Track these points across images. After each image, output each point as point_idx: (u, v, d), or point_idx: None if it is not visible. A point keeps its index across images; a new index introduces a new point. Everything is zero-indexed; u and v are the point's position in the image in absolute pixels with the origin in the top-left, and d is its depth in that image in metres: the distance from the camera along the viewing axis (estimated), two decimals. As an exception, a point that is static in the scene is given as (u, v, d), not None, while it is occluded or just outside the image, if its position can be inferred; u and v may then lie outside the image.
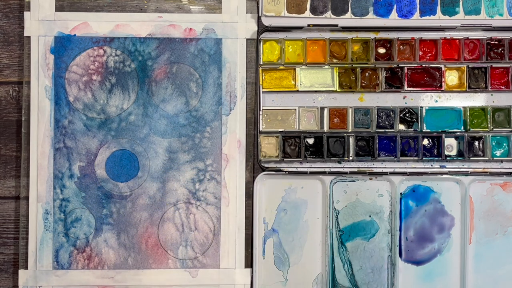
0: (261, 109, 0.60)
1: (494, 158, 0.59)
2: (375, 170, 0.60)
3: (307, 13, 0.60)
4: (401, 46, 0.60)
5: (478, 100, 0.61)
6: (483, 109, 0.60)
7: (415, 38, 0.60)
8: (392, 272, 0.60)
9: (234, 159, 0.60)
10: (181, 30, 0.60)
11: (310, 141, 0.60)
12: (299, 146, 0.60)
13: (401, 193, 0.60)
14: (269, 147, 0.60)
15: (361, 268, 0.60)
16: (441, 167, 0.60)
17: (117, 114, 0.60)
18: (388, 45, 0.60)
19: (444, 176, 0.59)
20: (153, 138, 0.60)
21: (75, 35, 0.60)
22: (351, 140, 0.60)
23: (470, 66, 0.60)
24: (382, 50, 0.60)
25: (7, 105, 0.61)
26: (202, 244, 0.60)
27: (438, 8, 0.60)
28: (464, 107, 0.60)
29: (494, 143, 0.60)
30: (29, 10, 0.60)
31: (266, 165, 0.60)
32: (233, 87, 0.60)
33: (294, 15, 0.60)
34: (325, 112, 0.60)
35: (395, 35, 0.60)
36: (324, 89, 0.60)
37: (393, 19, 0.60)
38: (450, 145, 0.60)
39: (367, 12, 0.60)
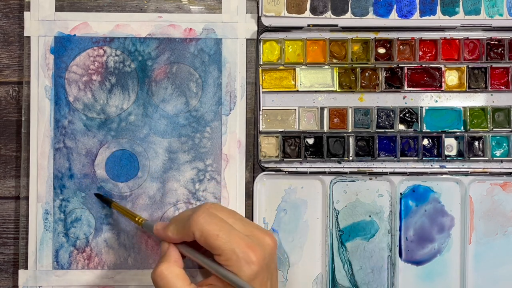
0: (261, 109, 0.60)
1: (494, 158, 0.59)
2: (375, 170, 0.60)
3: (307, 13, 0.60)
4: (401, 46, 0.60)
5: (478, 100, 0.61)
6: (483, 109, 0.60)
7: (415, 38, 0.60)
8: (392, 272, 0.60)
9: (234, 159, 0.60)
10: (181, 30, 0.60)
11: (310, 141, 0.60)
12: (299, 146, 0.60)
13: (401, 193, 0.60)
14: (269, 147, 0.60)
15: (361, 268, 0.60)
16: (441, 167, 0.60)
17: (117, 114, 0.60)
18: (388, 45, 0.60)
19: (444, 176, 0.59)
20: (153, 138, 0.60)
21: (75, 35, 0.60)
22: (351, 140, 0.60)
23: (470, 66, 0.60)
24: (382, 50, 0.60)
25: (7, 105, 0.61)
26: (202, 244, 0.60)
27: (438, 8, 0.60)
28: (464, 107, 0.60)
29: (494, 143, 0.60)
30: (29, 10, 0.60)
31: (266, 165, 0.60)
32: (233, 87, 0.60)
33: (294, 15, 0.60)
34: (325, 112, 0.60)
35: (395, 35, 0.60)
36: (324, 89, 0.60)
37: (393, 19, 0.60)
38: (450, 145, 0.60)
39: (367, 12, 0.60)
